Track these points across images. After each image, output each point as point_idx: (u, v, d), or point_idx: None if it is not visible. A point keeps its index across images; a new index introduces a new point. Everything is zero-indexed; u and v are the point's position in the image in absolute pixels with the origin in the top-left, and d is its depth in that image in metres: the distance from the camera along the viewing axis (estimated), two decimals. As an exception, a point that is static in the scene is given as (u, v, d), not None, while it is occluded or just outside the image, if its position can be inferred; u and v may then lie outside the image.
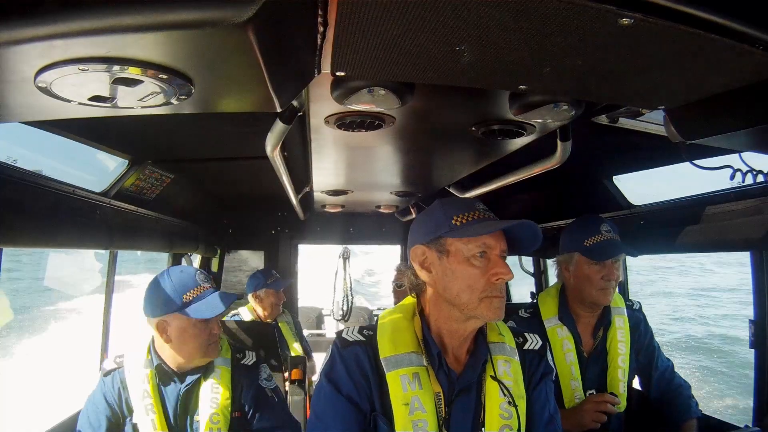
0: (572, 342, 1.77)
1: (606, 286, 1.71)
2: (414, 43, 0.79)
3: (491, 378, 1.12)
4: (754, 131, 1.03)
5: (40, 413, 8.48)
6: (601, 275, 1.69)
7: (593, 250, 1.70)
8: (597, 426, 1.64)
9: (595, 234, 1.72)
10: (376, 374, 1.09)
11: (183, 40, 0.66)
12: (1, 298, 11.91)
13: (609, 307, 1.81)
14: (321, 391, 1.10)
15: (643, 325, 1.90)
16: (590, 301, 1.74)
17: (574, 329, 1.79)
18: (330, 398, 1.08)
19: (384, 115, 1.35)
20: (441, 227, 1.09)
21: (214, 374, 1.66)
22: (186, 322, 1.56)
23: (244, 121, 1.70)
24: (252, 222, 4.14)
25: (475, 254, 1.05)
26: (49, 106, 0.86)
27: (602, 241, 1.71)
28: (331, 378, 1.10)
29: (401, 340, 1.12)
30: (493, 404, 1.10)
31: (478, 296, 1.06)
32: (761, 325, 1.72)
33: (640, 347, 1.86)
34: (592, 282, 1.71)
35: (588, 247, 1.71)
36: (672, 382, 1.87)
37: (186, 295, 1.57)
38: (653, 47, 0.79)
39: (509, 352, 1.17)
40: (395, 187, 2.82)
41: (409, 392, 1.06)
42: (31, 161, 1.61)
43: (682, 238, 1.86)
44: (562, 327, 1.78)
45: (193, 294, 1.57)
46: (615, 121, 1.41)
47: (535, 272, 3.67)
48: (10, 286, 19.65)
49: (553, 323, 1.79)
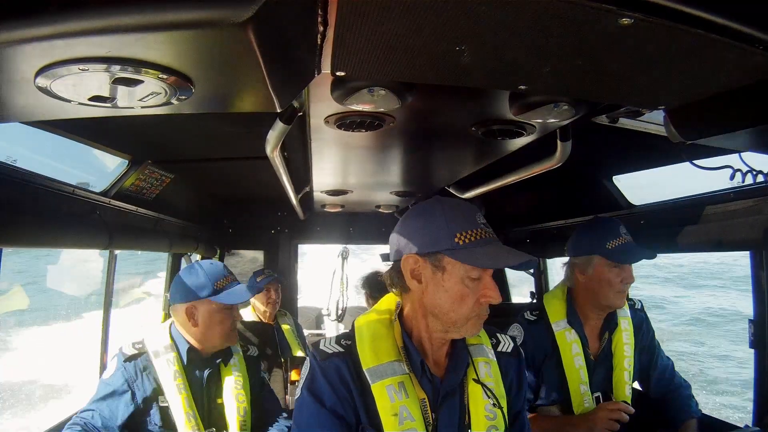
0: (581, 346, 1.75)
1: (624, 289, 1.69)
2: (414, 43, 0.79)
3: (474, 381, 1.12)
4: (754, 131, 1.03)
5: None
6: (620, 278, 1.68)
7: (616, 253, 1.67)
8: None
9: (616, 237, 1.69)
10: (358, 385, 1.07)
11: (183, 40, 0.66)
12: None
13: (615, 311, 1.80)
14: (303, 405, 1.07)
15: (645, 325, 1.89)
16: (606, 303, 1.72)
17: (582, 332, 1.77)
18: (313, 412, 1.05)
19: (384, 115, 1.35)
20: (441, 242, 1.02)
21: (233, 362, 1.85)
22: (214, 308, 1.73)
23: (244, 121, 1.70)
24: (252, 222, 4.14)
25: (471, 276, 1.02)
26: (49, 106, 0.86)
27: (624, 243, 1.69)
28: (312, 391, 1.07)
29: (382, 349, 1.09)
30: (478, 406, 1.10)
31: (466, 315, 1.04)
32: (761, 325, 1.72)
33: (642, 347, 1.86)
34: (612, 285, 1.68)
35: (610, 250, 1.68)
36: (672, 381, 1.87)
37: (218, 283, 1.74)
38: (653, 47, 0.79)
39: (488, 353, 1.17)
40: (395, 187, 2.82)
41: (396, 402, 1.05)
42: (31, 161, 1.61)
43: (682, 238, 1.86)
44: (571, 330, 1.76)
45: (223, 282, 1.75)
46: (615, 121, 1.41)
47: (535, 272, 3.67)
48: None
49: (561, 327, 1.77)
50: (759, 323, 1.73)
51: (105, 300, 2.51)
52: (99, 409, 1.62)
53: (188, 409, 1.68)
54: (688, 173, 1.65)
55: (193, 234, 3.26)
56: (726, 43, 0.75)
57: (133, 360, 1.69)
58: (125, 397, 1.64)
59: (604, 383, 1.76)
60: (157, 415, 1.66)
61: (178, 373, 1.70)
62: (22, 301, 16.68)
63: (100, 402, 1.63)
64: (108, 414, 1.61)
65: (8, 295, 15.70)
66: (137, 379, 1.67)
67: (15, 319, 17.66)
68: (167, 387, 1.68)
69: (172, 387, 1.68)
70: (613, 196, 2.38)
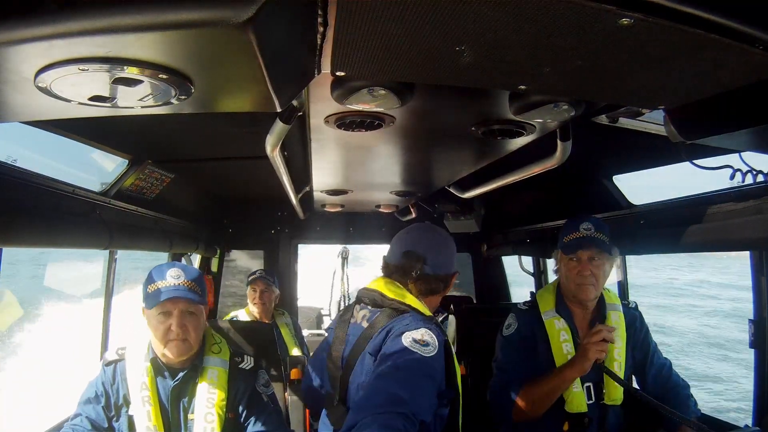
0: (569, 333, 1.83)
1: (581, 281, 1.80)
2: (414, 43, 0.79)
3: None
4: (754, 131, 1.03)
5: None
6: (576, 270, 1.80)
7: (566, 246, 1.84)
8: (602, 357, 1.70)
9: (573, 231, 1.83)
10: None
11: (183, 40, 0.66)
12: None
13: (604, 303, 1.88)
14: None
15: (639, 322, 1.94)
16: (571, 295, 1.84)
17: (571, 322, 1.86)
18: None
19: (384, 115, 1.35)
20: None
21: (210, 375, 1.68)
22: (149, 314, 1.62)
23: (244, 121, 1.70)
24: (252, 222, 4.14)
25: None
26: (49, 106, 0.86)
27: (577, 237, 1.81)
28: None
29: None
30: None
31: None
32: (761, 325, 1.73)
33: (636, 343, 1.89)
34: (569, 277, 1.83)
35: (565, 244, 1.84)
36: (669, 380, 1.87)
37: (149, 287, 1.61)
38: (653, 47, 0.79)
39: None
40: (395, 187, 2.82)
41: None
42: (31, 161, 1.61)
43: (682, 238, 1.86)
44: (559, 319, 1.86)
45: (155, 287, 1.60)
46: (615, 121, 1.41)
47: (535, 272, 3.67)
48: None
49: (550, 315, 1.88)
50: (759, 323, 1.73)
51: (105, 300, 2.51)
52: (86, 412, 1.64)
53: (151, 424, 1.61)
54: (688, 173, 1.66)
55: (193, 234, 3.26)
56: (726, 43, 0.75)
57: (112, 365, 1.69)
58: (102, 400, 1.65)
59: (594, 373, 1.79)
60: (125, 424, 1.64)
61: (146, 385, 1.64)
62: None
63: (86, 405, 1.65)
64: (95, 416, 1.63)
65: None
66: (114, 383, 1.66)
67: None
68: (134, 397, 1.64)
69: (138, 399, 1.63)
70: (613, 196, 2.38)
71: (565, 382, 1.72)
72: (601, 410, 1.80)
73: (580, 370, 1.69)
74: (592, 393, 1.79)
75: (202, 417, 1.63)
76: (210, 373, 1.69)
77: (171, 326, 1.59)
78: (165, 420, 1.63)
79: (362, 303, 1.55)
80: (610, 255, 1.82)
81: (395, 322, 1.40)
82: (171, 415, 1.65)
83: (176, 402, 1.66)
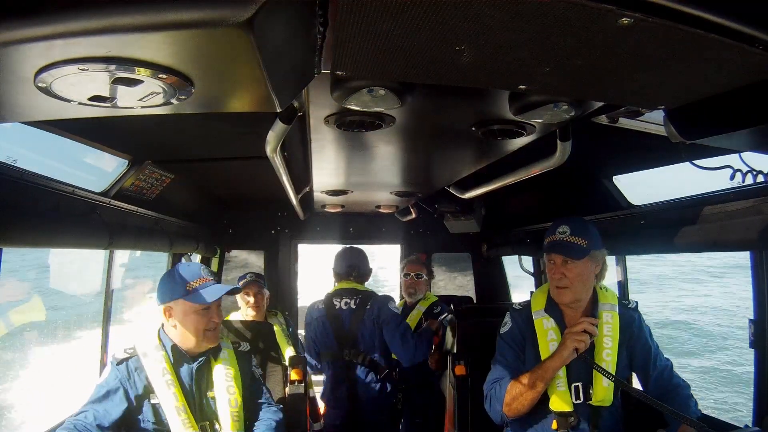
0: (557, 333, 1.84)
1: (554, 284, 1.82)
2: (414, 43, 0.79)
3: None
4: (754, 131, 1.03)
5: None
6: (552, 273, 1.83)
7: (544, 248, 1.88)
8: (581, 348, 1.73)
9: (551, 234, 1.84)
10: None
11: (183, 40, 0.66)
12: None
13: (597, 303, 1.87)
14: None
15: (638, 324, 1.89)
16: (552, 296, 1.88)
17: (561, 322, 1.86)
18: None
19: (384, 115, 1.35)
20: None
21: (222, 356, 1.89)
22: (188, 308, 1.75)
23: (244, 121, 1.70)
24: (252, 222, 4.14)
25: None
26: (49, 106, 0.86)
27: (551, 240, 1.83)
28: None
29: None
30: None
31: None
32: (761, 325, 1.72)
33: (634, 345, 1.86)
34: (549, 278, 1.87)
35: (544, 245, 1.88)
36: (670, 381, 1.86)
37: (190, 284, 1.75)
38: (653, 47, 0.79)
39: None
40: (395, 187, 2.83)
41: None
42: (31, 161, 1.62)
43: (682, 238, 1.86)
44: (549, 318, 1.87)
45: (196, 283, 1.75)
46: (615, 121, 1.41)
47: (535, 272, 3.67)
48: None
49: (539, 315, 1.90)
50: (759, 323, 1.73)
51: (105, 300, 2.51)
52: (93, 408, 1.66)
53: (179, 404, 1.72)
54: (688, 173, 1.66)
55: (193, 234, 3.27)
56: (726, 43, 0.75)
57: (124, 362, 1.75)
58: (118, 394, 1.69)
59: (584, 374, 1.79)
60: (150, 413, 1.71)
61: (167, 370, 1.75)
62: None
63: (94, 403, 1.67)
64: (102, 412, 1.66)
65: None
66: (130, 378, 1.72)
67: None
68: (157, 384, 1.73)
69: (162, 383, 1.73)
70: (613, 196, 2.38)
71: (547, 371, 1.75)
72: (591, 411, 1.80)
73: (560, 358, 1.73)
74: (580, 393, 1.79)
75: (224, 390, 1.82)
76: (222, 354, 1.90)
77: (212, 318, 1.78)
78: (189, 401, 1.76)
79: (341, 296, 2.76)
80: (581, 259, 1.78)
81: (374, 300, 2.72)
82: (194, 395, 1.79)
83: (197, 382, 1.81)
